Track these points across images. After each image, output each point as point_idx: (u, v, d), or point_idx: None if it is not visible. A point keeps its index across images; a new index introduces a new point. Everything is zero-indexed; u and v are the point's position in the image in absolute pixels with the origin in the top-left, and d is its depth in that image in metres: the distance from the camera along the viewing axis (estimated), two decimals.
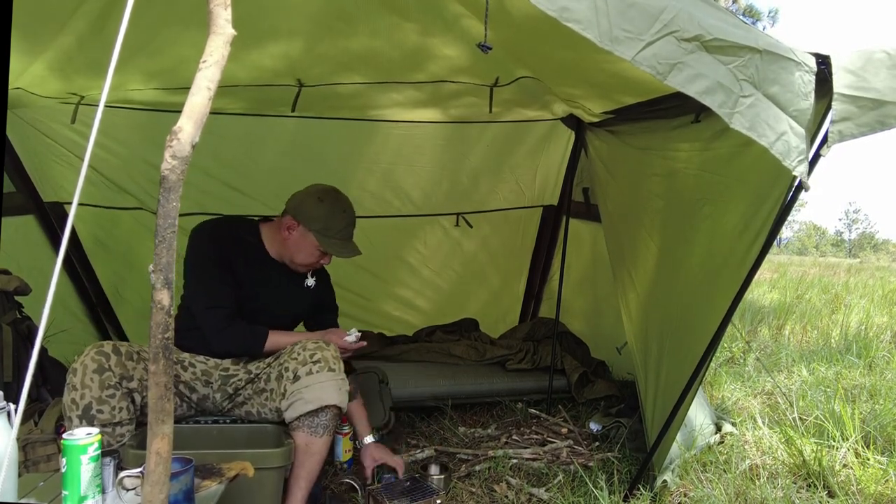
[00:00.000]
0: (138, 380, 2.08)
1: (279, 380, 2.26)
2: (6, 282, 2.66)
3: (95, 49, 2.37)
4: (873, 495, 2.51)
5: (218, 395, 2.36)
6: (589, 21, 1.42)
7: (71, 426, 1.96)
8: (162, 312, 1.12)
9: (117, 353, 2.05)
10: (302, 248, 2.41)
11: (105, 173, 3.37)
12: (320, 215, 2.36)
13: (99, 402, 1.98)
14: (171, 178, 1.12)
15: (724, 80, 1.58)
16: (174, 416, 1.79)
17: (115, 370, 2.02)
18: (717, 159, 2.32)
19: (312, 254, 2.41)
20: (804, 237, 64.37)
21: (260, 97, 3.09)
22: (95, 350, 2.02)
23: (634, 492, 2.44)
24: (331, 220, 2.38)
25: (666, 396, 2.48)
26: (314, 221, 2.36)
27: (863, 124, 1.66)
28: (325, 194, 2.42)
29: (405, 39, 2.58)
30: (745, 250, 2.11)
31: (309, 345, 2.27)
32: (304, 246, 2.40)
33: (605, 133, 3.16)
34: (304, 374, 2.20)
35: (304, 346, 2.26)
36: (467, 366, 3.78)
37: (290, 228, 2.39)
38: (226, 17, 1.17)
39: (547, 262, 4.28)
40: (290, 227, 2.39)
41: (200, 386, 2.34)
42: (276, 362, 2.33)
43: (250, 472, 1.59)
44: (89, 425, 1.96)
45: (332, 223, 2.38)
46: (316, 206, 2.38)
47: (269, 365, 2.37)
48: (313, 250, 2.40)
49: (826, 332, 5.87)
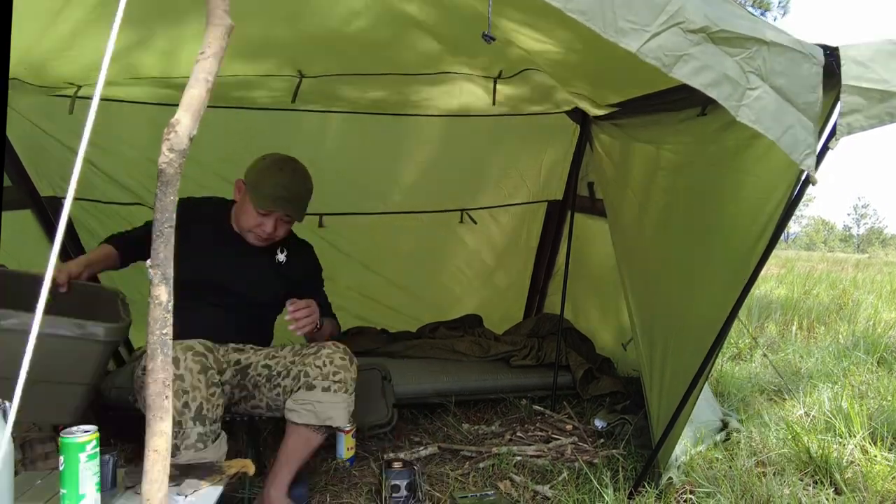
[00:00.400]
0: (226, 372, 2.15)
1: (295, 379, 2.26)
2: None
3: (92, 38, 2.36)
4: (881, 492, 2.49)
5: (229, 386, 2.32)
6: (594, 12, 1.40)
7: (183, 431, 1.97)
8: (160, 308, 1.11)
9: (209, 350, 2.09)
10: (243, 208, 2.37)
11: (102, 168, 3.35)
12: (258, 171, 2.34)
13: (207, 401, 2.01)
14: (169, 172, 1.10)
15: (731, 72, 1.56)
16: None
17: (215, 367, 2.06)
18: (723, 153, 2.30)
19: (251, 214, 2.34)
20: (812, 232, 64.17)
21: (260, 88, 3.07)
22: (192, 353, 2.02)
23: (639, 489, 2.42)
24: (266, 175, 2.32)
25: (671, 393, 2.46)
26: (252, 175, 2.34)
27: (872, 116, 1.63)
28: (271, 155, 2.39)
29: (407, 30, 2.57)
30: (752, 245, 2.09)
31: (337, 358, 2.26)
32: (244, 206, 2.36)
33: (611, 126, 3.14)
34: (320, 387, 2.21)
35: (331, 359, 2.25)
36: (471, 362, 3.77)
37: (239, 189, 2.39)
38: (224, 8, 1.15)
39: (552, 258, 4.26)
40: (239, 187, 2.39)
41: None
42: (298, 360, 2.30)
43: (251, 470, 1.58)
44: (202, 426, 1.98)
45: (266, 179, 2.31)
46: (258, 163, 2.36)
47: (291, 363, 2.31)
48: (250, 210, 2.34)
49: (834, 328, 5.84)
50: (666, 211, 2.70)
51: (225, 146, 3.42)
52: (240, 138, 3.44)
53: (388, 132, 3.60)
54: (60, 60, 2.61)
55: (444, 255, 4.27)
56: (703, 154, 2.46)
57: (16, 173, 3.15)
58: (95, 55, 2.49)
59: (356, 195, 3.80)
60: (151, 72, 2.79)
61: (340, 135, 3.58)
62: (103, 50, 1.06)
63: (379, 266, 4.10)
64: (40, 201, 3.29)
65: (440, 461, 2.86)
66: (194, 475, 1.57)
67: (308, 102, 3.25)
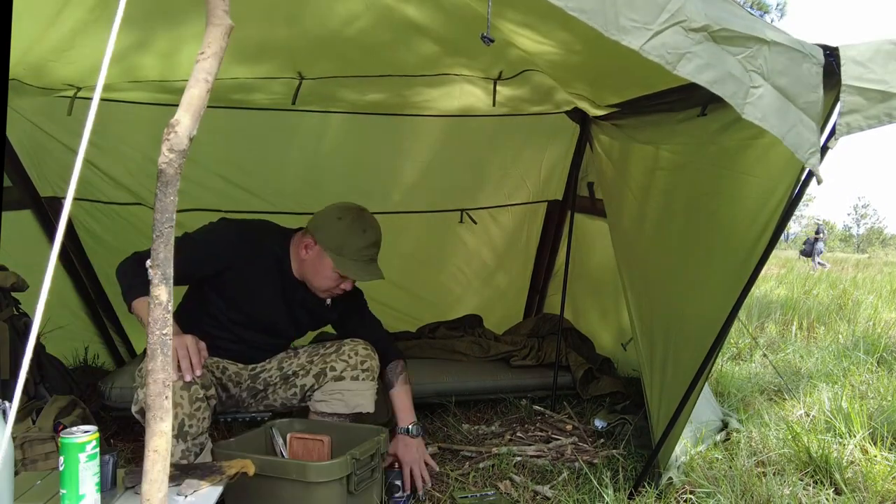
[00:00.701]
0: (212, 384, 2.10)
1: (319, 377, 2.32)
2: (3, 278, 2.66)
3: (92, 39, 2.36)
4: (881, 492, 2.49)
5: (245, 394, 2.40)
6: (595, 10, 1.39)
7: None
8: (160, 308, 1.11)
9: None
10: (318, 270, 2.25)
11: (102, 168, 3.35)
12: (337, 233, 2.21)
13: (190, 417, 1.97)
14: (169, 172, 1.10)
15: (734, 70, 1.56)
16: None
17: (198, 382, 2.00)
18: (723, 153, 2.30)
19: (329, 277, 2.25)
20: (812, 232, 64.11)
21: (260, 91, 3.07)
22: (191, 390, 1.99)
23: (639, 489, 2.42)
24: (349, 238, 2.21)
25: (671, 393, 2.46)
26: (330, 240, 2.21)
27: (871, 116, 1.63)
28: (345, 212, 2.26)
29: (408, 31, 2.56)
30: (752, 245, 2.09)
31: (360, 349, 2.35)
32: (320, 268, 2.25)
33: (611, 127, 3.13)
34: (349, 377, 2.30)
35: (355, 351, 2.34)
36: (471, 362, 3.76)
37: (308, 247, 2.26)
38: (224, 8, 1.15)
39: (551, 258, 4.26)
40: (308, 245, 2.26)
41: (231, 386, 2.37)
42: (318, 360, 2.36)
43: (251, 471, 1.58)
44: (183, 442, 1.96)
45: (349, 242, 2.21)
46: (334, 223, 2.23)
47: (309, 362, 2.38)
48: (330, 273, 2.24)
49: (834, 328, 5.83)
50: (666, 211, 2.69)
51: (225, 147, 3.42)
52: (240, 139, 3.45)
53: (388, 133, 3.60)
54: (60, 62, 2.61)
55: (444, 256, 4.27)
56: (702, 154, 2.46)
57: (16, 174, 3.15)
58: (95, 56, 2.49)
59: (356, 196, 3.74)
60: (151, 74, 2.79)
61: (340, 135, 3.58)
62: (103, 51, 1.06)
63: (380, 265, 4.09)
64: (40, 202, 3.29)
65: (440, 461, 2.86)
66: (194, 475, 1.57)
67: (308, 104, 3.25)
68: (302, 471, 1.87)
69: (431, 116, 3.57)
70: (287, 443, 2.22)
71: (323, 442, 2.17)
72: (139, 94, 3.03)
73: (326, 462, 1.96)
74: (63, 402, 2.56)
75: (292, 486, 1.88)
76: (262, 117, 3.34)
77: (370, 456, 2.00)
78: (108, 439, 2.94)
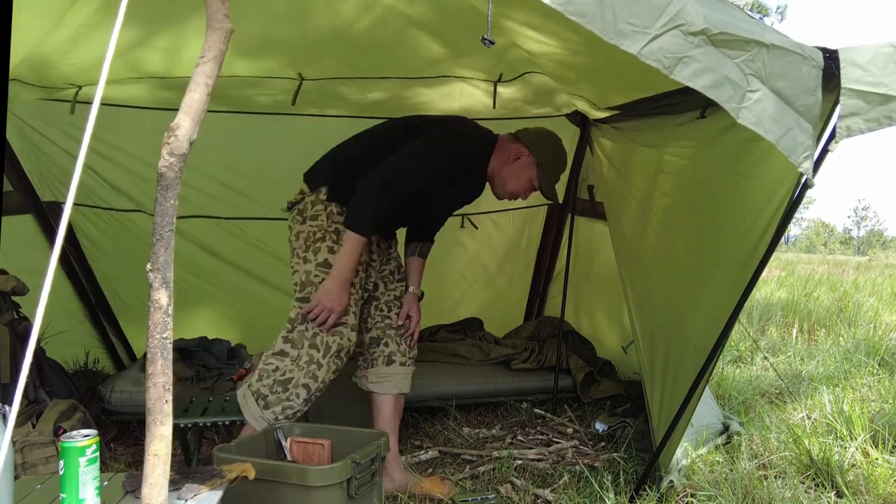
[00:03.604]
0: None
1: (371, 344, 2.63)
2: (3, 282, 2.65)
3: (95, 37, 2.36)
4: (882, 495, 2.48)
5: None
6: (594, 14, 1.40)
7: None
8: (160, 312, 1.11)
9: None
10: (520, 176, 2.53)
11: (102, 174, 3.36)
12: (550, 152, 2.54)
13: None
14: (169, 176, 1.10)
15: (732, 74, 1.56)
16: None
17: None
18: (723, 155, 2.30)
19: (525, 185, 2.55)
20: (812, 235, 64.11)
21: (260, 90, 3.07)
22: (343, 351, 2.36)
23: (641, 492, 2.41)
24: (556, 160, 2.57)
25: (672, 396, 2.46)
26: (543, 155, 2.52)
27: (871, 119, 1.64)
28: (555, 137, 2.60)
29: (408, 31, 2.57)
30: (752, 247, 2.08)
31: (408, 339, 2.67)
32: (523, 175, 2.53)
33: (611, 129, 3.14)
34: (399, 362, 2.62)
35: (406, 340, 2.66)
36: (471, 365, 3.76)
37: (520, 154, 2.52)
38: (224, 12, 1.15)
39: (552, 261, 4.26)
40: (521, 153, 2.52)
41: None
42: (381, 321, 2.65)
43: (251, 475, 1.58)
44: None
45: (556, 167, 2.58)
46: (550, 146, 2.56)
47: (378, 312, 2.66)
48: (528, 182, 2.54)
49: (835, 330, 5.83)
50: (666, 214, 2.70)
51: (225, 152, 3.42)
52: (239, 144, 3.45)
53: None
54: (62, 63, 2.62)
55: (446, 260, 4.26)
56: (703, 157, 2.46)
57: (16, 178, 3.15)
58: (98, 53, 2.49)
59: None
60: (154, 68, 2.78)
61: (340, 139, 3.57)
62: (106, 48, 1.07)
63: None
64: (41, 206, 3.29)
65: (441, 465, 2.86)
66: (194, 479, 1.57)
67: (308, 105, 3.25)
68: (302, 475, 1.87)
69: None
70: (287, 446, 2.22)
71: (323, 446, 2.17)
72: (141, 94, 3.02)
73: (327, 466, 1.96)
74: (63, 406, 2.56)
75: (292, 489, 1.88)
76: (261, 122, 3.34)
77: (370, 460, 2.00)
78: (108, 443, 2.94)
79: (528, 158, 2.52)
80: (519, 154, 2.52)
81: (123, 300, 3.74)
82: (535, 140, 2.55)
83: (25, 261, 2.96)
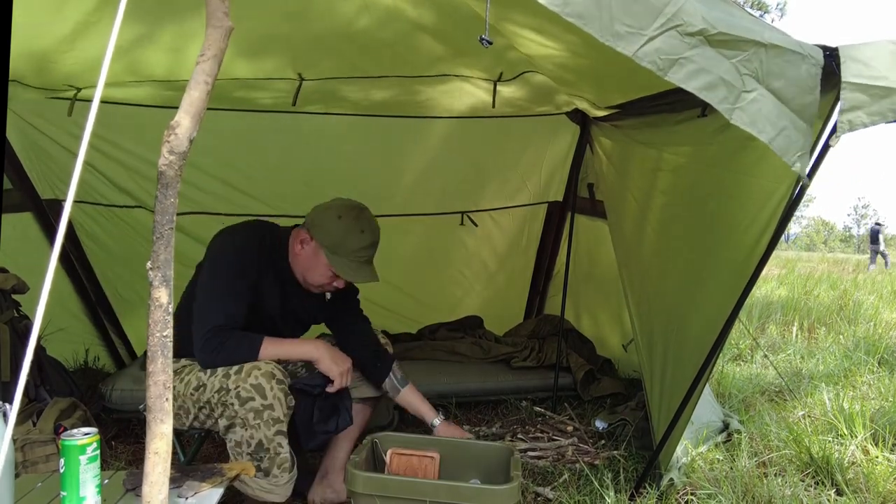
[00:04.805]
0: None
1: None
2: (3, 280, 2.66)
3: (95, 34, 2.36)
4: (882, 493, 2.48)
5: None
6: (591, 16, 1.39)
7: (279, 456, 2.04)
8: (160, 310, 1.11)
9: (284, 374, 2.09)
10: (313, 265, 2.24)
11: (102, 171, 3.36)
12: (335, 232, 2.19)
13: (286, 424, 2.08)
14: (169, 174, 1.10)
15: (727, 75, 1.55)
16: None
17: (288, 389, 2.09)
18: (723, 154, 2.30)
19: (323, 274, 2.24)
20: (812, 233, 64.11)
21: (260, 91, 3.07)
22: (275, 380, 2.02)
23: (641, 490, 2.42)
24: (346, 238, 2.19)
25: (672, 394, 2.46)
26: (327, 238, 2.19)
27: (874, 113, 1.61)
28: (346, 210, 2.24)
29: (408, 31, 2.56)
30: (752, 246, 2.08)
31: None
32: (314, 264, 2.24)
33: (611, 128, 3.13)
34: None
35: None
36: (472, 364, 3.76)
37: (304, 242, 2.24)
38: (224, 10, 1.15)
39: (552, 259, 4.26)
40: (304, 240, 2.24)
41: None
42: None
43: (251, 473, 1.58)
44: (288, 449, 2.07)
45: (346, 241, 2.19)
46: (333, 221, 2.21)
47: None
48: (324, 270, 2.23)
49: (835, 328, 5.83)
50: (666, 212, 2.70)
51: (225, 150, 3.42)
52: (240, 142, 3.45)
53: (389, 135, 3.61)
54: (62, 63, 2.61)
55: (446, 258, 4.27)
56: (702, 155, 2.45)
57: (16, 176, 3.15)
58: (98, 52, 2.49)
59: (357, 197, 3.80)
60: (157, 69, 2.77)
61: (341, 137, 3.59)
62: (105, 47, 1.06)
63: (380, 268, 4.09)
64: (41, 204, 3.29)
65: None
66: (195, 477, 1.57)
67: (309, 105, 3.25)
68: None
69: (432, 118, 3.57)
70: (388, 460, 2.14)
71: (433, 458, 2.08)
72: (142, 96, 3.02)
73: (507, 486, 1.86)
74: (64, 405, 2.56)
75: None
76: (262, 120, 3.34)
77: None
78: (108, 441, 2.94)
79: (311, 244, 2.22)
80: (302, 240, 2.24)
81: (124, 298, 3.75)
82: (314, 218, 2.24)
83: (25, 259, 2.96)
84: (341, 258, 2.20)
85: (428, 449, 2.12)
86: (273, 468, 2.02)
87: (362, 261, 2.25)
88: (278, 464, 2.02)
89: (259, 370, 2.01)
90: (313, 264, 2.24)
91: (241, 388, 1.98)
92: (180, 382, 2.14)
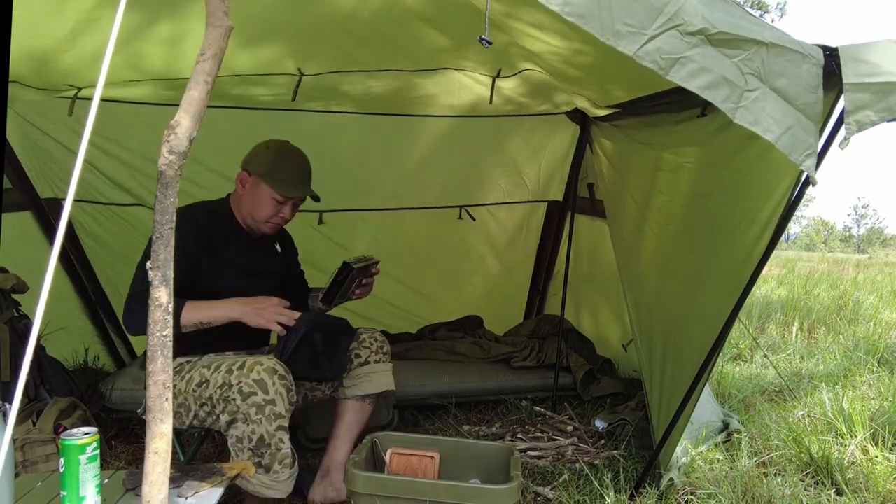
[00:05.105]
0: None
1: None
2: (3, 280, 2.66)
3: (92, 39, 2.36)
4: (882, 493, 2.48)
5: None
6: (591, 15, 1.40)
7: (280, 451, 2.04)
8: (160, 310, 1.11)
9: (286, 370, 2.12)
10: (256, 199, 2.36)
11: (102, 169, 3.35)
12: (267, 157, 2.35)
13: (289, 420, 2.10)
14: (169, 174, 1.10)
15: (729, 74, 1.55)
16: None
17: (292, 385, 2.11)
18: (722, 153, 2.30)
19: (268, 203, 2.35)
20: (812, 232, 64.09)
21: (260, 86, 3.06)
22: (277, 375, 2.05)
23: (640, 490, 2.42)
24: (278, 160, 2.36)
25: (672, 394, 2.46)
26: (262, 165, 2.34)
27: (882, 110, 1.59)
28: (271, 142, 2.42)
29: (408, 24, 2.56)
30: (752, 245, 2.08)
31: (377, 336, 2.57)
32: (258, 196, 2.35)
33: (611, 128, 3.13)
34: (373, 360, 2.50)
35: (374, 338, 2.55)
36: (471, 363, 3.76)
37: (243, 181, 2.38)
38: (224, 10, 1.15)
39: (552, 259, 4.26)
40: (243, 179, 2.38)
41: None
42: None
43: (251, 472, 1.58)
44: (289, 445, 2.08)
45: (280, 164, 2.35)
46: (262, 151, 2.38)
47: None
48: (268, 199, 2.34)
49: (835, 328, 5.83)
50: (665, 212, 2.69)
51: (226, 146, 3.42)
52: (240, 138, 3.44)
53: (388, 130, 3.60)
54: (62, 63, 2.61)
55: (445, 252, 4.26)
56: (702, 155, 2.46)
57: (15, 175, 3.15)
58: (98, 48, 2.48)
59: (356, 192, 3.81)
60: (156, 63, 2.77)
61: (340, 133, 3.58)
62: (106, 42, 1.06)
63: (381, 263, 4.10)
64: (40, 203, 3.29)
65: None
66: (195, 477, 1.57)
67: (308, 100, 3.24)
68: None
69: (431, 117, 3.57)
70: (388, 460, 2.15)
71: (433, 458, 2.10)
72: (142, 90, 3.02)
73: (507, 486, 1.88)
74: (63, 404, 2.56)
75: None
76: (262, 117, 3.33)
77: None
78: (108, 441, 2.94)
79: (251, 178, 2.35)
80: (241, 180, 2.38)
81: (124, 296, 3.74)
82: (247, 159, 2.41)
83: (25, 258, 2.95)
84: (280, 181, 2.33)
85: (428, 449, 2.13)
86: (274, 464, 2.02)
87: (298, 180, 2.40)
88: (279, 459, 2.03)
89: (261, 365, 2.03)
90: (257, 197, 2.36)
91: (243, 383, 2.00)
92: (181, 380, 2.17)
